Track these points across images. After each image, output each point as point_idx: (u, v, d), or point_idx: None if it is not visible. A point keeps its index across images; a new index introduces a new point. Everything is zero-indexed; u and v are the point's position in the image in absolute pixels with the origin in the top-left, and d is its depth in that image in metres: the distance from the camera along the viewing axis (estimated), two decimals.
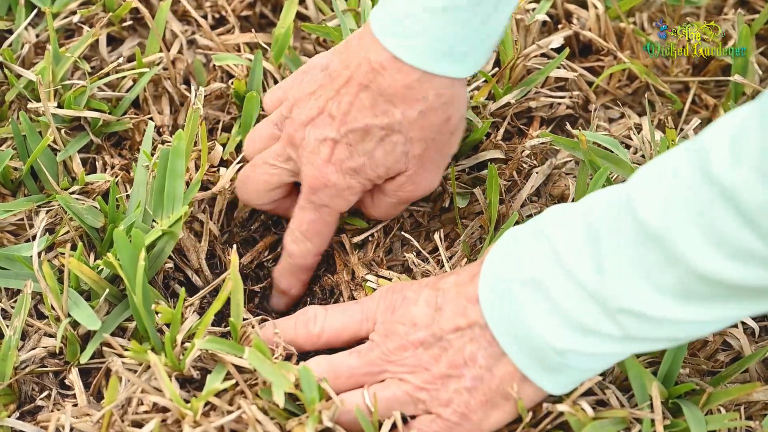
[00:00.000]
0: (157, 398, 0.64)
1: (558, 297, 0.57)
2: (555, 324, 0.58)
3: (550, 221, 0.59)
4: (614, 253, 0.54)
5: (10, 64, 0.83)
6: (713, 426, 0.66)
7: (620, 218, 0.54)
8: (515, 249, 0.61)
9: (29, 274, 0.71)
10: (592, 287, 0.56)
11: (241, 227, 0.80)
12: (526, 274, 0.59)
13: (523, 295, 0.59)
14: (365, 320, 0.67)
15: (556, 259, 0.57)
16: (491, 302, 0.60)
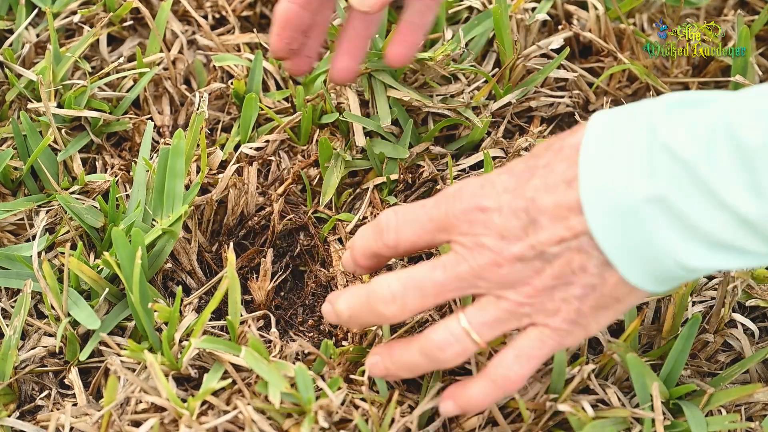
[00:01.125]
0: (154, 398, 0.64)
1: (700, 221, 0.52)
2: (693, 246, 0.53)
3: (664, 123, 0.53)
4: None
5: (10, 64, 0.83)
6: (714, 427, 0.66)
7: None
8: (621, 152, 0.54)
9: (29, 274, 0.71)
10: (750, 214, 0.51)
11: (228, 235, 0.80)
12: (649, 190, 0.53)
13: (648, 215, 0.53)
14: (438, 230, 0.60)
15: (693, 178, 0.51)
16: (601, 214, 0.54)
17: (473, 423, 0.68)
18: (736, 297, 0.74)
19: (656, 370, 0.70)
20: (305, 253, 0.80)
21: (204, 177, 0.77)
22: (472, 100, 0.83)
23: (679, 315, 0.71)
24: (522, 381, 0.59)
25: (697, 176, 0.51)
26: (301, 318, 0.78)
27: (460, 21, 0.91)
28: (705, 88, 0.91)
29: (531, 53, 0.85)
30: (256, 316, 0.73)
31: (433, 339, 0.59)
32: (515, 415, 0.68)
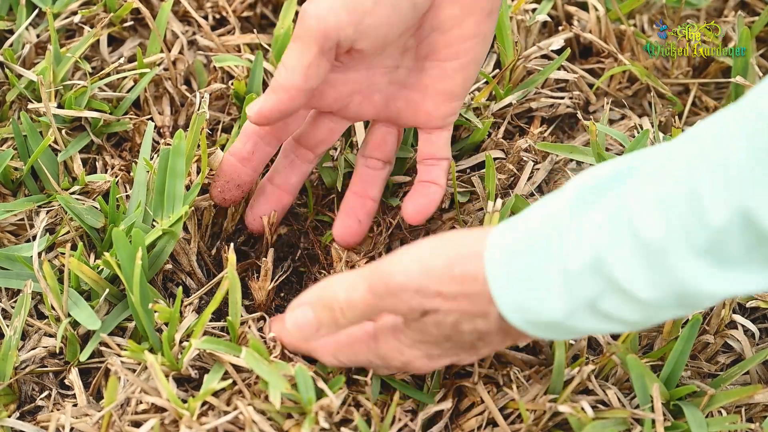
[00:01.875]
0: (154, 398, 0.64)
1: (603, 305, 0.53)
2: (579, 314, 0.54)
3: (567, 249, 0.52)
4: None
5: (10, 64, 0.83)
6: (714, 428, 0.66)
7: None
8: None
9: (29, 274, 0.71)
10: (648, 299, 0.51)
11: (227, 240, 0.80)
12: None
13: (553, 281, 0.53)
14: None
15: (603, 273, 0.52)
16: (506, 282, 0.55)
17: (473, 424, 0.68)
18: (737, 298, 0.74)
19: (656, 371, 0.70)
20: (305, 256, 0.80)
21: (204, 178, 0.77)
22: (472, 101, 0.83)
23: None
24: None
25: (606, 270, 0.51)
26: None
27: None
28: (705, 88, 0.91)
29: (531, 54, 0.85)
30: (257, 317, 0.72)
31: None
32: (515, 416, 0.68)
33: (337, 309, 0.61)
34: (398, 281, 0.56)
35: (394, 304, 0.58)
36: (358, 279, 0.59)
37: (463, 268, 0.54)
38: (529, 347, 0.71)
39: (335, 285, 0.61)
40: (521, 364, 0.69)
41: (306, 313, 0.63)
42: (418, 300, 0.56)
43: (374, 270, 0.59)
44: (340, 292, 0.60)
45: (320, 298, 0.62)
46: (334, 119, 0.74)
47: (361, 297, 0.59)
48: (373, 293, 0.58)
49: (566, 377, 0.67)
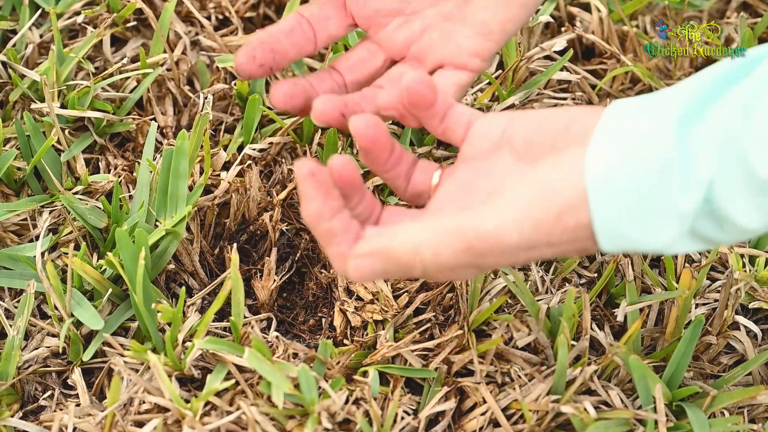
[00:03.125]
0: (157, 399, 0.64)
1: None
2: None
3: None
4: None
5: (14, 64, 0.83)
6: (717, 429, 0.66)
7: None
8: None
9: (32, 274, 0.71)
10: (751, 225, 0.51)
11: (230, 239, 0.80)
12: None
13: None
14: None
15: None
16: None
17: (475, 424, 0.68)
18: (739, 299, 0.74)
19: (659, 371, 0.70)
20: (305, 256, 0.80)
21: (207, 178, 0.77)
22: (475, 102, 0.83)
23: (682, 317, 0.71)
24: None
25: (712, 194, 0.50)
26: (302, 318, 0.78)
27: None
28: None
29: (534, 55, 0.85)
30: (260, 318, 0.73)
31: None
32: (518, 417, 0.68)
33: (419, 266, 0.53)
34: (510, 242, 0.52)
35: (497, 261, 0.53)
36: (449, 236, 0.53)
37: (573, 218, 0.51)
38: (530, 346, 0.71)
39: (415, 238, 0.53)
40: (522, 363, 0.70)
41: (374, 266, 0.54)
42: (527, 255, 0.53)
43: (470, 227, 0.52)
44: (425, 249, 0.53)
45: (393, 254, 0.54)
46: (368, 47, 0.69)
47: (455, 256, 0.52)
48: (471, 253, 0.52)
49: (569, 378, 0.67)
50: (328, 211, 0.54)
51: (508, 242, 0.52)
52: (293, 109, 0.65)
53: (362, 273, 0.54)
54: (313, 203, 0.54)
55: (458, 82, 0.67)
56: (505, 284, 0.72)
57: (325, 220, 0.54)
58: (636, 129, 0.51)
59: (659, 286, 0.75)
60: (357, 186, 0.57)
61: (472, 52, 0.66)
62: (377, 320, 0.73)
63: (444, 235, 0.53)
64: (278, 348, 0.70)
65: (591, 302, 0.74)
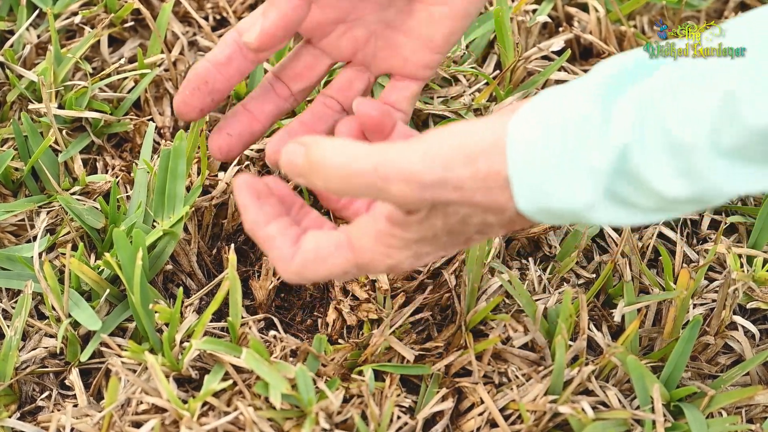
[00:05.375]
0: (155, 399, 0.64)
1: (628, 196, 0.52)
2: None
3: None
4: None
5: (11, 65, 0.83)
6: (715, 429, 0.66)
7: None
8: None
9: (30, 275, 0.71)
10: (677, 196, 0.50)
11: (227, 240, 0.80)
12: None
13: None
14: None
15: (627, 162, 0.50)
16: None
17: (472, 425, 0.68)
18: (737, 299, 0.74)
19: (657, 372, 0.70)
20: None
21: (205, 179, 0.77)
22: (473, 102, 0.83)
23: (680, 317, 0.71)
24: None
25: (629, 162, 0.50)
26: (300, 318, 0.78)
27: None
28: None
29: (532, 55, 0.85)
30: (257, 318, 0.73)
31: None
32: (516, 417, 0.68)
33: (327, 168, 0.52)
34: (415, 170, 0.51)
35: (402, 192, 0.51)
36: (363, 153, 0.52)
37: (487, 163, 0.51)
38: (527, 346, 0.71)
39: (333, 147, 0.53)
40: (520, 363, 0.70)
41: (297, 153, 0.54)
42: (435, 194, 0.52)
43: (383, 153, 0.52)
44: (337, 155, 0.52)
45: (311, 149, 0.53)
46: (312, 52, 0.69)
47: (363, 171, 0.52)
48: (379, 175, 0.51)
49: (566, 378, 0.67)
50: (264, 218, 0.57)
51: (415, 172, 0.51)
52: (235, 156, 0.68)
53: (286, 155, 0.54)
54: (249, 212, 0.57)
55: (411, 95, 0.69)
56: (501, 284, 0.72)
57: (261, 227, 0.57)
58: (561, 97, 0.52)
59: (657, 287, 0.75)
60: (290, 199, 0.60)
61: (420, 65, 0.68)
62: (373, 319, 0.73)
63: (359, 150, 0.52)
64: (276, 348, 0.70)
65: (588, 302, 0.74)
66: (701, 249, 0.80)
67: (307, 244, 0.57)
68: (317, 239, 0.57)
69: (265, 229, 0.57)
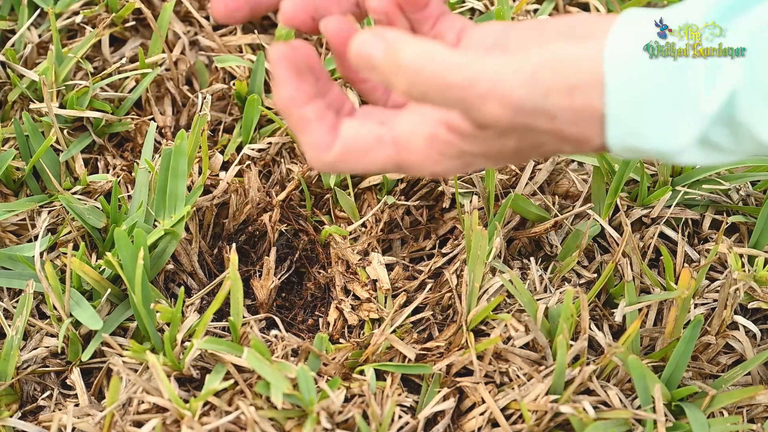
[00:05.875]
0: (156, 399, 0.64)
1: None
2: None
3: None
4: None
5: (12, 64, 0.83)
6: (716, 429, 0.66)
7: None
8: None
9: (31, 274, 0.71)
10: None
11: (228, 240, 0.80)
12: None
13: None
14: None
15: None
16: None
17: (473, 424, 0.68)
18: (738, 299, 0.74)
19: (658, 371, 0.70)
20: (304, 257, 0.81)
21: (206, 179, 0.77)
22: None
23: (681, 317, 0.71)
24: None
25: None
26: (301, 318, 0.78)
27: None
28: None
29: None
30: (258, 318, 0.73)
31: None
32: (517, 417, 0.68)
33: (418, 74, 0.47)
34: (513, 92, 0.47)
35: (495, 113, 0.47)
36: (458, 63, 0.47)
37: (585, 98, 0.47)
38: (528, 346, 0.71)
39: (425, 51, 0.47)
40: (521, 363, 0.70)
41: (377, 48, 0.48)
42: (527, 119, 0.48)
43: (481, 67, 0.47)
44: (431, 62, 0.47)
45: (400, 49, 0.47)
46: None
47: (457, 82, 0.47)
48: (475, 92, 0.47)
49: (567, 377, 0.67)
50: (302, 97, 0.51)
51: (515, 96, 0.47)
52: (239, 20, 0.58)
53: (363, 48, 0.48)
54: (286, 88, 0.51)
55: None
56: (502, 283, 0.72)
57: (298, 106, 0.51)
58: (663, 19, 0.48)
59: (658, 286, 0.75)
60: (318, 69, 0.53)
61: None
62: (374, 319, 0.73)
63: (455, 58, 0.47)
64: (277, 347, 0.70)
65: (590, 302, 0.74)
66: (702, 249, 0.80)
67: (347, 133, 0.51)
68: (357, 130, 0.51)
69: (303, 109, 0.51)
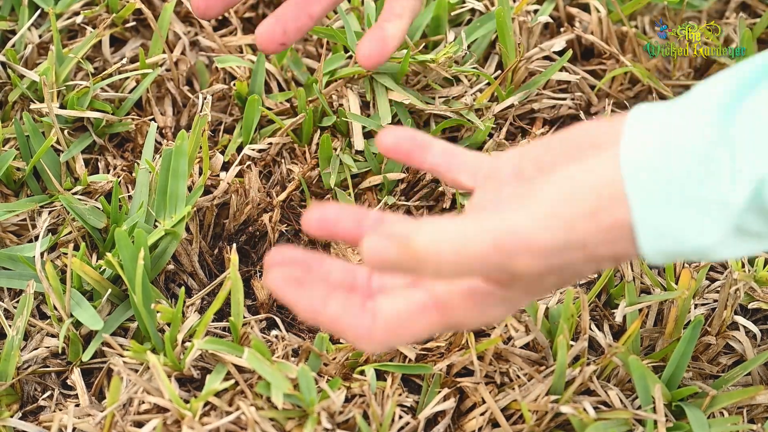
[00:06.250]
0: (156, 399, 0.64)
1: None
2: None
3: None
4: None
5: (13, 65, 0.83)
6: (716, 429, 0.66)
7: None
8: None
9: (32, 275, 0.71)
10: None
11: (229, 240, 0.80)
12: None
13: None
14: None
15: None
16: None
17: (474, 425, 0.68)
18: (739, 299, 0.74)
19: (658, 372, 0.70)
20: None
21: (206, 179, 0.77)
22: (474, 102, 0.83)
23: (681, 317, 0.71)
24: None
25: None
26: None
27: (462, 23, 0.91)
28: None
29: (533, 55, 0.85)
30: (259, 318, 0.73)
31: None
32: (517, 417, 0.68)
33: (440, 256, 0.46)
34: (542, 242, 0.46)
35: (528, 264, 0.47)
36: (475, 231, 0.47)
37: (610, 215, 0.46)
38: (529, 346, 0.71)
39: (438, 232, 0.47)
40: (521, 363, 0.70)
41: (387, 248, 0.47)
42: (560, 258, 0.47)
43: (499, 225, 0.47)
44: (447, 240, 0.46)
45: (411, 240, 0.46)
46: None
47: (481, 251, 0.46)
48: (501, 253, 0.46)
49: (568, 378, 0.67)
50: (318, 302, 0.50)
51: (540, 242, 0.47)
52: (214, 15, 0.66)
53: (374, 252, 0.46)
54: (301, 306, 0.50)
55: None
56: None
57: (321, 313, 0.50)
58: (672, 119, 0.47)
59: (658, 287, 0.75)
60: (312, 258, 0.53)
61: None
62: None
63: (469, 228, 0.47)
64: (277, 348, 0.70)
65: (590, 302, 0.74)
66: None
67: (386, 311, 0.50)
68: (394, 304, 0.50)
69: (326, 312, 0.50)
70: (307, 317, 0.50)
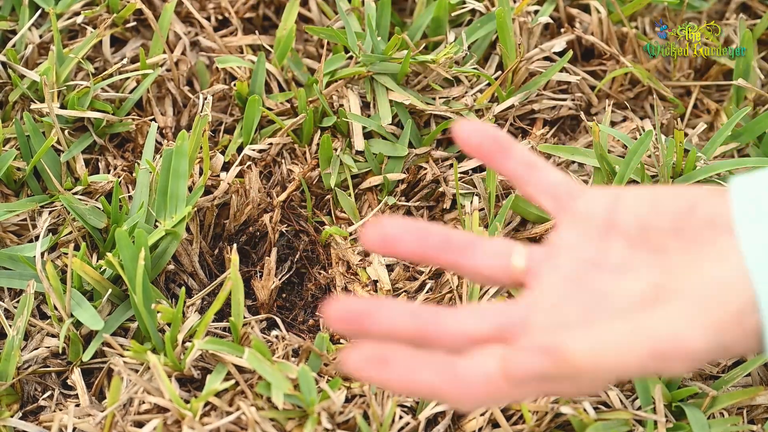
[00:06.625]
0: (157, 399, 0.64)
1: None
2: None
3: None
4: None
5: (13, 65, 0.83)
6: (716, 430, 0.66)
7: None
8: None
9: (32, 275, 0.72)
10: None
11: (229, 241, 0.80)
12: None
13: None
14: None
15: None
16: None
17: (474, 425, 0.68)
18: None
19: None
20: (305, 257, 0.81)
21: (207, 179, 0.77)
22: (474, 103, 0.83)
23: None
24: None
25: None
26: (302, 318, 0.78)
27: (462, 24, 0.91)
28: (707, 91, 0.91)
29: (533, 56, 0.86)
30: (259, 318, 0.73)
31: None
32: (517, 417, 0.68)
33: (592, 370, 0.45)
34: (695, 347, 0.46)
35: (680, 367, 0.47)
36: (630, 341, 0.46)
37: (752, 319, 0.47)
38: None
39: (594, 344, 0.46)
40: None
41: (542, 362, 0.45)
42: (706, 359, 0.48)
43: (654, 333, 0.47)
44: (604, 353, 0.46)
45: (566, 352, 0.45)
46: None
47: (639, 361, 0.46)
48: (657, 358, 0.46)
49: None
50: (409, 374, 0.47)
51: (694, 347, 0.46)
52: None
53: (518, 371, 0.45)
54: (393, 383, 0.47)
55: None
56: None
57: (415, 385, 0.47)
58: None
59: None
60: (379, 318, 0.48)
61: None
62: None
63: (626, 337, 0.47)
64: (278, 348, 0.70)
65: None
66: None
67: (478, 376, 0.47)
68: (485, 367, 0.47)
69: (421, 384, 0.47)
70: (402, 392, 0.49)
